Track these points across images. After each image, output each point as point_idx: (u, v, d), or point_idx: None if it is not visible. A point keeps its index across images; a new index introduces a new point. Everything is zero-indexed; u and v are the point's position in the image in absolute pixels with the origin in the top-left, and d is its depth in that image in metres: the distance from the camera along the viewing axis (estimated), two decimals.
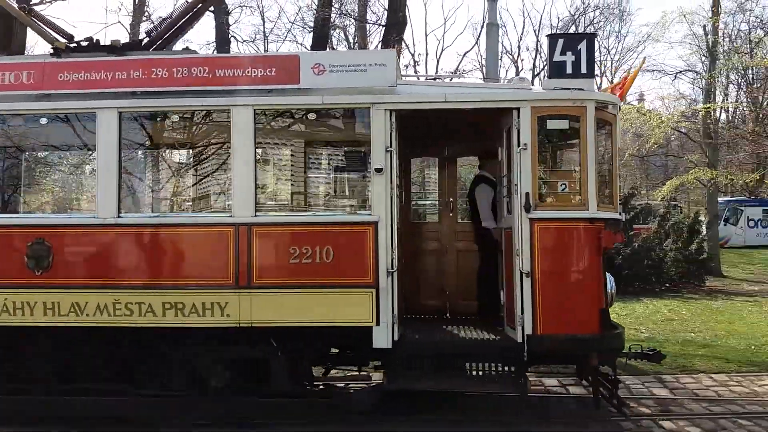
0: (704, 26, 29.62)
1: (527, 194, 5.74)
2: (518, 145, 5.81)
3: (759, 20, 30.07)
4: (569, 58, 5.86)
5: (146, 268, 5.99)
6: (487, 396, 6.56)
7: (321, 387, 6.64)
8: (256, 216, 5.90)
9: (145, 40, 6.98)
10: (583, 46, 5.88)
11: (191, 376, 6.12)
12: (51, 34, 7.11)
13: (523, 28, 70.41)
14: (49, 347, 6.20)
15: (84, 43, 6.79)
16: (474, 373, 5.94)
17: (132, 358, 6.23)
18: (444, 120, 6.70)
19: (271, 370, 6.00)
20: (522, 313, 5.76)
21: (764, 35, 26.96)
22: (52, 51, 6.56)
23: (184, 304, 5.90)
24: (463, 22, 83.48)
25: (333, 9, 18.88)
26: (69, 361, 6.26)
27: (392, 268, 5.80)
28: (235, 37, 24.44)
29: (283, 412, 6.05)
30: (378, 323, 5.77)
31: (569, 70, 5.86)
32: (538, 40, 39.14)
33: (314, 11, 17.32)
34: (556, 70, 5.91)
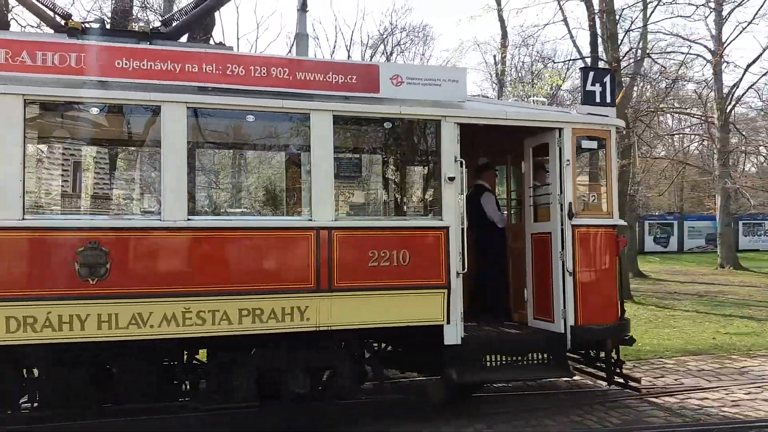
0: (494, 56, 34.20)
1: (570, 204, 6.65)
2: (559, 162, 6.70)
3: (539, 54, 34.46)
4: (597, 88, 6.92)
5: (220, 274, 5.67)
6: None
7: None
8: (336, 220, 5.96)
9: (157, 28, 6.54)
10: (608, 79, 6.99)
11: (267, 384, 5.93)
12: (50, 15, 6.31)
13: (335, 42, 72.16)
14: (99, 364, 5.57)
15: (96, 25, 6.18)
16: (525, 363, 6.67)
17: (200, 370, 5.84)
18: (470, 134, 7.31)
19: (349, 372, 6.08)
20: (564, 306, 6.64)
21: (543, 67, 31.07)
22: (66, 32, 5.86)
23: (263, 309, 5.72)
24: (277, 30, 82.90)
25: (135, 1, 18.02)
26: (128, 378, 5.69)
27: (462, 270, 6.28)
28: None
29: (360, 412, 6.19)
30: (449, 321, 6.20)
31: (598, 99, 6.91)
32: (349, 55, 40.58)
33: (113, 1, 16.07)
34: (587, 98, 6.91)
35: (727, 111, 27.31)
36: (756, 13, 30.87)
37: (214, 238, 5.71)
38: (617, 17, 20.21)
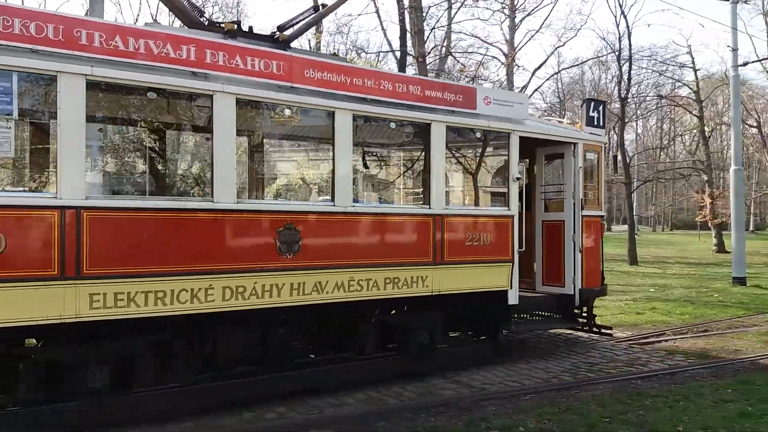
0: (309, 41, 31.72)
1: (582, 199, 9.02)
2: (573, 168, 9.03)
3: (353, 44, 34.12)
4: (596, 115, 9.36)
5: (372, 250, 7.01)
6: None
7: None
8: (446, 208, 7.61)
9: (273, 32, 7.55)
10: (601, 108, 9.47)
11: (395, 338, 7.42)
12: (189, 12, 7.01)
13: (140, 8, 67.14)
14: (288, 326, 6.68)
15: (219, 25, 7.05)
16: (549, 317, 8.93)
17: (350, 328, 7.14)
18: None
19: (454, 326, 7.81)
20: (574, 275, 9.02)
21: (357, 57, 29.41)
22: (223, 33, 6.72)
23: (399, 278, 7.22)
24: None
25: None
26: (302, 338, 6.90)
27: (520, 248, 8.31)
28: None
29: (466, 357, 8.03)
30: (511, 287, 8.21)
31: (596, 123, 9.36)
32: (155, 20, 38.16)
33: None
34: (589, 122, 9.31)
35: None
36: (542, 24, 36.81)
37: (367, 221, 7.05)
38: (424, 14, 21.73)
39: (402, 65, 20.71)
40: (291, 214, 6.50)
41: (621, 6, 28.99)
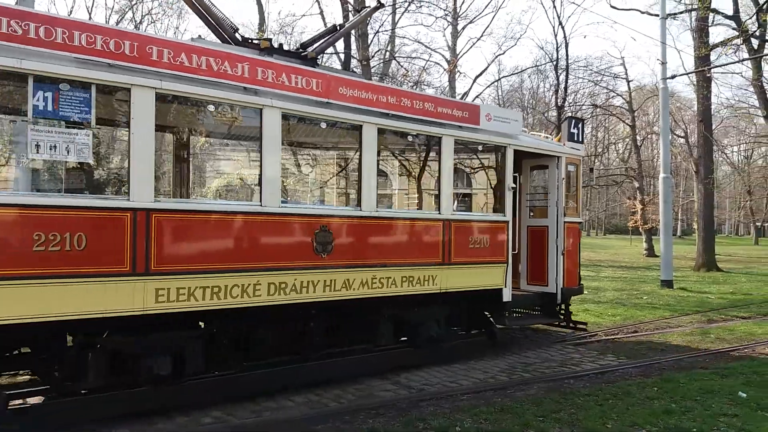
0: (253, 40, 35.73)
1: (564, 207, 9.98)
2: (557, 179, 9.98)
3: (297, 44, 35.15)
4: (576, 131, 10.35)
5: (391, 251, 7.71)
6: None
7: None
8: (453, 213, 8.38)
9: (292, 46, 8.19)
10: (581, 125, 10.47)
11: (406, 331, 8.15)
12: (227, 28, 7.55)
13: (74, 1, 64.89)
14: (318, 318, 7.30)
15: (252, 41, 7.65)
16: (533, 313, 9.85)
17: (369, 322, 7.81)
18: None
19: (458, 318, 8.60)
20: (557, 275, 9.97)
21: None
22: (259, 49, 7.32)
23: (413, 276, 7.95)
24: None
25: None
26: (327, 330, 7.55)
27: (513, 251, 9.18)
28: None
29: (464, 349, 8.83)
30: (505, 285, 9.07)
31: (576, 138, 10.35)
32: (90, 17, 36.95)
33: None
34: (570, 137, 10.29)
35: None
36: (483, 32, 37.90)
37: (390, 225, 7.74)
38: (368, 18, 21.73)
39: (346, 67, 20.68)
40: (325, 217, 7.13)
41: (559, 17, 30.15)
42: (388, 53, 27.11)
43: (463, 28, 31.93)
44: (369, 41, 21.41)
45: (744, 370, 8.28)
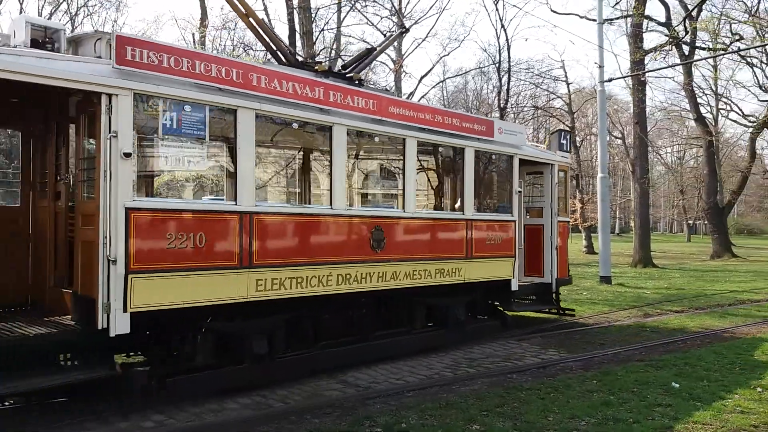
0: (193, 34, 31.15)
1: (558, 208, 11.47)
2: (551, 184, 11.46)
3: (241, 40, 30.97)
4: (565, 142, 11.87)
5: (427, 246, 8.95)
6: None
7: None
8: (474, 214, 9.70)
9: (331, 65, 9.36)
10: (569, 137, 12.01)
11: (436, 316, 9.43)
12: (284, 52, 8.64)
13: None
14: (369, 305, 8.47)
15: (307, 62, 8.80)
16: (532, 301, 11.31)
17: (408, 309, 9.04)
18: None
19: (475, 305, 9.92)
20: (552, 267, 11.45)
21: (244, 54, 27.28)
22: (315, 72, 8.45)
23: (444, 269, 9.23)
24: None
25: None
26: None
27: (520, 246, 10.59)
28: None
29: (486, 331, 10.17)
30: (513, 276, 10.46)
31: (564, 148, 11.87)
32: (22, 10, 34.64)
33: None
34: (560, 147, 11.79)
35: None
36: (428, 33, 38.42)
37: (427, 224, 8.99)
38: (313, 15, 21.34)
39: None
40: (379, 218, 8.33)
41: (501, 20, 30.30)
42: (333, 51, 27.10)
43: (408, 29, 32.64)
44: (314, 39, 21.06)
45: (677, 362, 8.60)
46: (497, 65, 29.81)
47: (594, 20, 22.99)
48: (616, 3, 30.85)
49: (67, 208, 7.01)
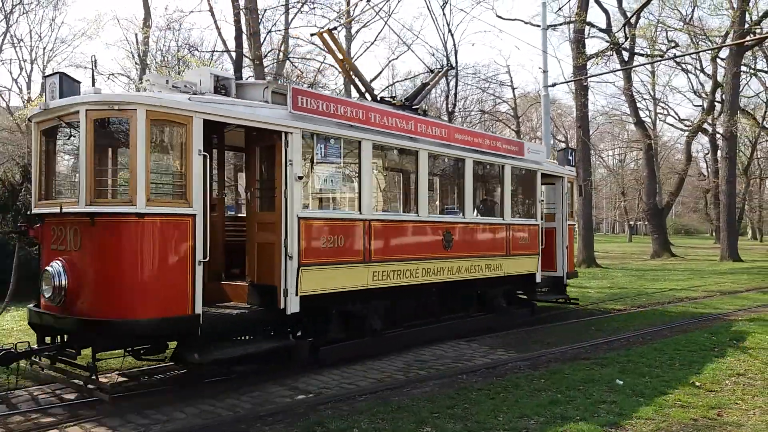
0: (136, 35, 32.22)
1: (568, 213, 13.92)
2: (562, 193, 13.90)
3: (186, 41, 31.53)
4: (570, 158, 14.35)
5: (480, 245, 11.19)
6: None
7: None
8: (511, 219, 12.00)
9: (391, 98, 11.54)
10: (573, 153, 14.50)
11: (485, 304, 11.69)
12: (370, 91, 10.77)
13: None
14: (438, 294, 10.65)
15: (385, 99, 10.98)
16: (548, 291, 13.72)
17: (465, 297, 11.27)
18: None
19: (509, 295, 12.24)
20: (563, 263, 13.88)
21: (189, 54, 28.14)
22: (394, 105, 10.62)
23: (491, 264, 11.50)
24: None
25: None
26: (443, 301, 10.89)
27: (542, 245, 12.96)
28: None
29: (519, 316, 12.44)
30: (537, 271, 12.83)
31: (570, 162, 14.34)
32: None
33: None
34: (567, 162, 14.24)
35: None
36: (377, 36, 38.29)
37: (479, 227, 11.24)
38: (260, 16, 20.95)
39: (238, 66, 20.22)
40: (448, 223, 10.53)
41: (448, 25, 31.41)
42: (281, 53, 26.62)
43: (357, 32, 31.99)
44: (261, 40, 20.64)
45: (620, 359, 8.84)
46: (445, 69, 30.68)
47: (538, 26, 23.48)
48: (559, 9, 32.69)
49: (223, 217, 8.97)
